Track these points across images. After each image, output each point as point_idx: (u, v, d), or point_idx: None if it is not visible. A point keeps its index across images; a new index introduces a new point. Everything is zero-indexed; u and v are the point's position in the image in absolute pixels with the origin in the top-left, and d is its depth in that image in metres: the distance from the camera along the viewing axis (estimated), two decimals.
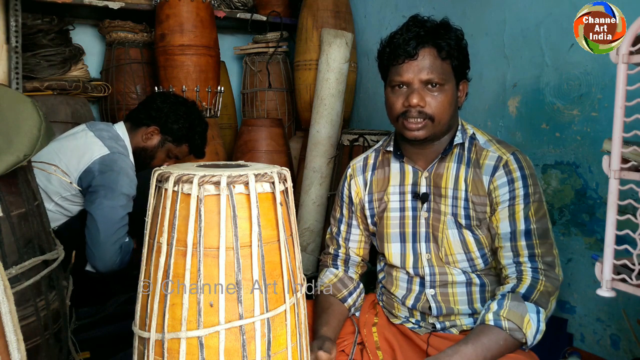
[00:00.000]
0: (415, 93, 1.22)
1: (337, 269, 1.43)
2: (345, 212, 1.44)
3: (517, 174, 1.23)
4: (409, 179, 1.33)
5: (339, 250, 1.44)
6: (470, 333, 1.15)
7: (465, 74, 1.31)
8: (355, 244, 1.43)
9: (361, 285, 1.43)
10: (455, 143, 1.29)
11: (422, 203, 1.30)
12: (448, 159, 1.30)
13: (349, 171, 1.44)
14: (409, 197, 1.32)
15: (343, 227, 1.44)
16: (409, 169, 1.34)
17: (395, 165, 1.36)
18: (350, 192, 1.43)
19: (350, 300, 1.38)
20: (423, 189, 1.31)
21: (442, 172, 1.29)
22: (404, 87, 1.24)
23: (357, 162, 1.44)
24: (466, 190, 1.26)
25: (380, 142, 1.45)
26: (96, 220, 1.74)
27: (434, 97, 1.23)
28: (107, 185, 1.76)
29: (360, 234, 1.43)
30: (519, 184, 1.23)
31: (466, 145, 1.30)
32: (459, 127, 1.32)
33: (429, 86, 1.23)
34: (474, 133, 1.32)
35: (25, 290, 1.02)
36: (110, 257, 1.76)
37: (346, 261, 1.43)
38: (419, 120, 1.23)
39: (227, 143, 3.05)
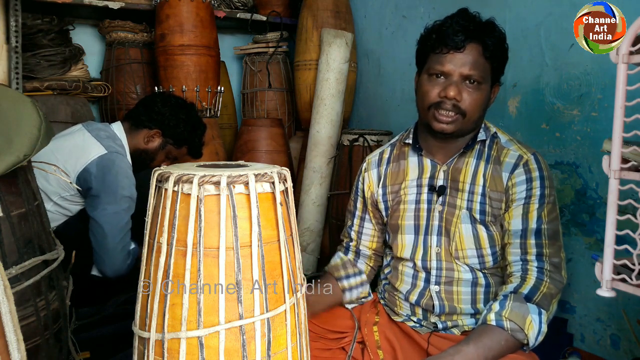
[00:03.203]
0: (453, 85, 1.22)
1: (346, 255, 1.47)
2: (358, 205, 1.45)
3: (536, 174, 1.24)
4: (427, 172, 1.34)
5: (351, 243, 1.47)
6: (471, 333, 1.15)
7: (499, 78, 1.31)
8: (368, 238, 1.45)
9: (364, 276, 1.44)
10: (478, 139, 1.30)
11: (438, 196, 1.30)
12: (468, 154, 1.30)
13: (364, 165, 1.45)
14: (425, 189, 1.33)
15: (356, 221, 1.46)
16: (427, 162, 1.34)
17: (412, 159, 1.37)
18: (363, 186, 1.44)
19: (345, 283, 1.40)
20: (440, 182, 1.31)
21: (461, 167, 1.30)
22: (442, 77, 1.24)
23: (373, 157, 1.45)
24: (484, 186, 1.27)
25: (397, 137, 1.45)
26: (102, 227, 1.75)
27: (469, 94, 1.23)
28: (108, 189, 1.76)
29: (373, 228, 1.44)
30: (536, 183, 1.24)
31: (487, 142, 1.31)
32: (483, 126, 1.33)
33: (467, 82, 1.23)
34: (495, 132, 1.33)
35: (25, 290, 1.02)
36: (120, 263, 1.78)
37: (357, 252, 1.46)
38: (451, 113, 1.23)
39: (227, 143, 3.04)
